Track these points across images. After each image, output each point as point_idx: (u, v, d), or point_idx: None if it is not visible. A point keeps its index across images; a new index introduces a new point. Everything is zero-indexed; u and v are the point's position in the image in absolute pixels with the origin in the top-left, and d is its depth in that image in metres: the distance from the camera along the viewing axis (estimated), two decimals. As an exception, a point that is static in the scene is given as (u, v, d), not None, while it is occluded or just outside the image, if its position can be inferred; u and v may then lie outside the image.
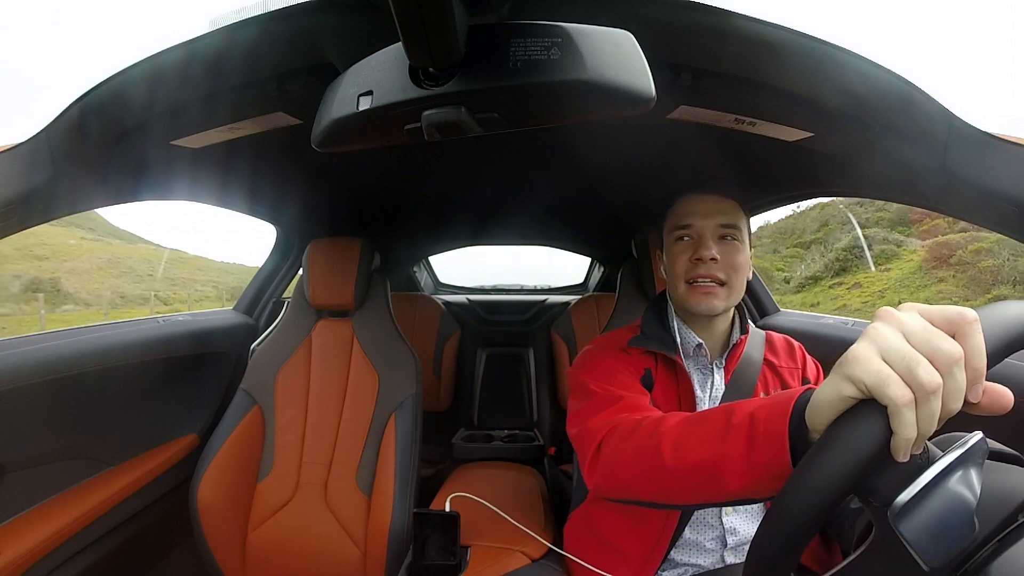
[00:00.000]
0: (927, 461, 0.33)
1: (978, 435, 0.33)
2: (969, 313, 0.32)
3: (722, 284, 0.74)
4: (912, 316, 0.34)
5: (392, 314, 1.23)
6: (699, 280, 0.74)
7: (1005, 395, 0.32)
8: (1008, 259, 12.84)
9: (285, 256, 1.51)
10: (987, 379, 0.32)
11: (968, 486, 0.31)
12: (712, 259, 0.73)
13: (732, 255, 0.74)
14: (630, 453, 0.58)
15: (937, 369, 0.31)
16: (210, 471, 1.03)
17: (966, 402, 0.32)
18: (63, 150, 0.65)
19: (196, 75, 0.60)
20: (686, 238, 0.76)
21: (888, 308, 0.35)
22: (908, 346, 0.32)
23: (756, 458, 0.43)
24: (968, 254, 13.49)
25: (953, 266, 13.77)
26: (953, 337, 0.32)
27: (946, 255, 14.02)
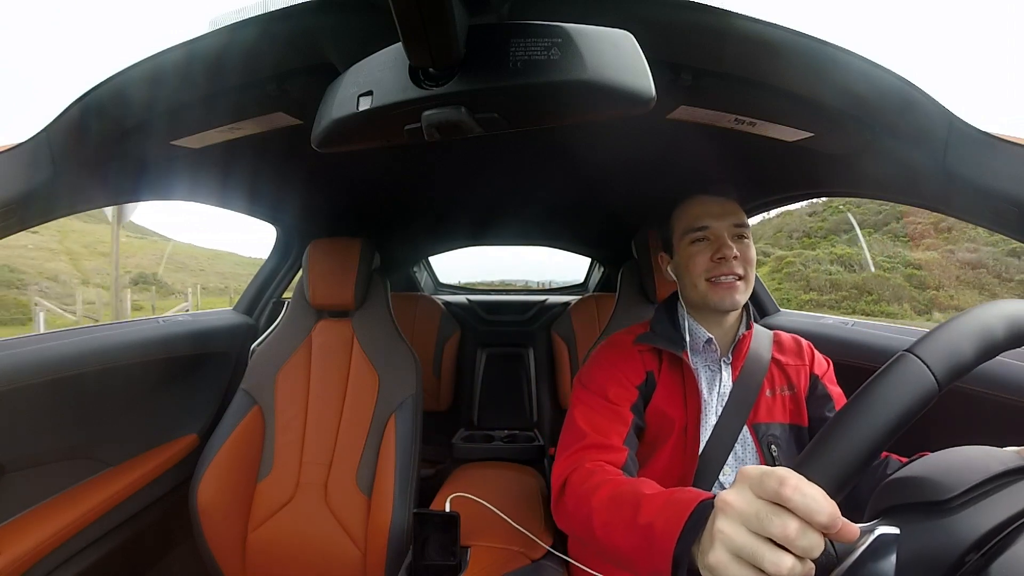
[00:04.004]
0: (832, 560, 0.34)
1: (881, 531, 0.34)
2: (787, 484, 0.34)
3: (741, 279, 0.76)
4: (747, 500, 0.36)
5: (392, 314, 1.23)
6: (722, 277, 0.76)
7: (853, 531, 0.34)
8: (800, 267, 20.91)
9: (285, 256, 1.51)
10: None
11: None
12: (734, 257, 0.75)
13: (746, 251, 0.78)
14: (577, 520, 0.65)
15: (781, 545, 0.34)
16: (210, 471, 1.02)
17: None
18: (63, 150, 0.65)
19: (196, 75, 0.60)
20: (703, 239, 0.78)
21: (725, 498, 0.37)
22: (750, 538, 0.35)
23: (655, 562, 0.49)
24: (784, 264, 21.60)
25: (779, 271, 21.36)
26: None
27: (780, 265, 21.93)
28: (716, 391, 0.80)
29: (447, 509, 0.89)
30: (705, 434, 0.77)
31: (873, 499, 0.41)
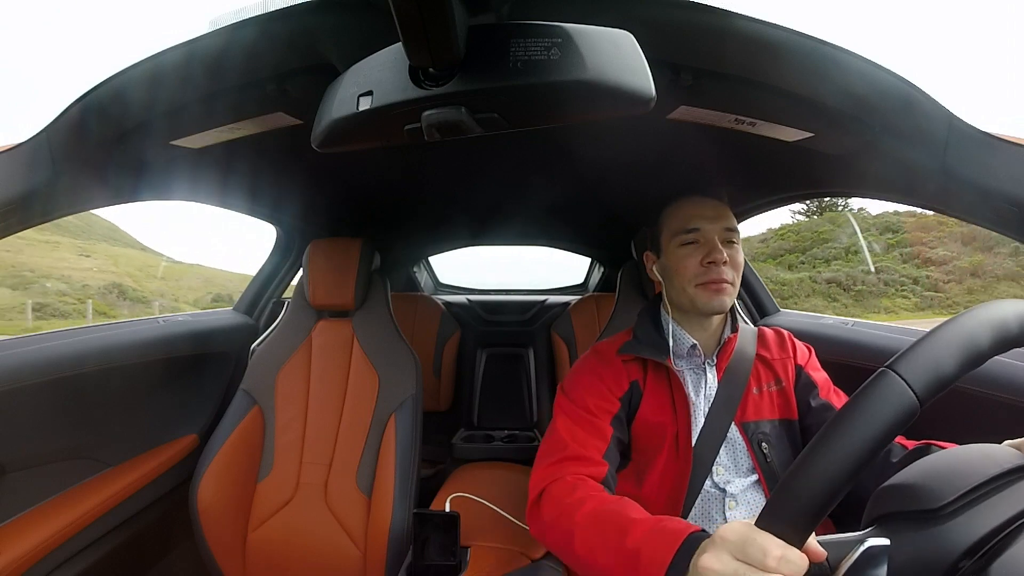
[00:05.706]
0: (825, 571, 0.36)
1: (871, 542, 0.35)
2: (771, 555, 0.36)
3: (729, 283, 0.76)
4: (725, 563, 0.39)
5: (392, 314, 1.23)
6: (711, 281, 0.76)
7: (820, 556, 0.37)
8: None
9: (285, 256, 1.51)
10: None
11: None
12: (724, 262, 0.75)
13: (736, 256, 0.77)
14: (556, 531, 0.65)
15: None
16: (210, 471, 1.02)
17: None
18: (63, 150, 0.65)
19: (196, 75, 0.60)
20: (694, 242, 0.78)
21: (706, 563, 0.40)
22: None
23: None
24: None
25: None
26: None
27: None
28: (703, 392, 0.80)
29: (447, 509, 0.89)
30: (694, 435, 0.77)
31: (868, 506, 0.41)
